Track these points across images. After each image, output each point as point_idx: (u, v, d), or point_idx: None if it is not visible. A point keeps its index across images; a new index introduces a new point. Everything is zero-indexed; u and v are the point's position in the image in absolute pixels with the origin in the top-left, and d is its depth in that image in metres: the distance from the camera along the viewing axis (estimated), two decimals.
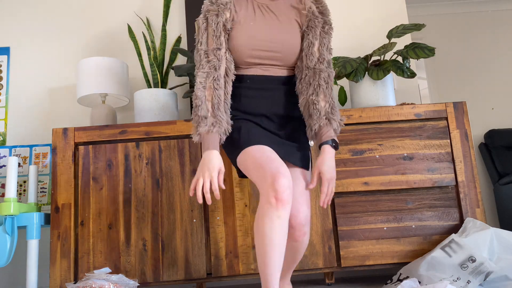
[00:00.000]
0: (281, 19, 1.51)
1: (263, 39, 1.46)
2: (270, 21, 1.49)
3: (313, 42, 1.49)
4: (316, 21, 1.50)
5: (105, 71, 2.19)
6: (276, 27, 1.49)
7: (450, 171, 1.95)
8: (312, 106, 1.47)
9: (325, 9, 1.54)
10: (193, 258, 1.87)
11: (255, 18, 1.49)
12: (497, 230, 1.71)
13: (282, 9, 1.53)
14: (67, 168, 1.92)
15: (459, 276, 1.62)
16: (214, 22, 1.45)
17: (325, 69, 1.49)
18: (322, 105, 1.47)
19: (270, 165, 1.31)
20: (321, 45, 1.50)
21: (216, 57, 1.44)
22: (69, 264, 1.85)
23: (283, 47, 1.48)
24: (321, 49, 1.50)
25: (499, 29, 4.31)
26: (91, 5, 2.65)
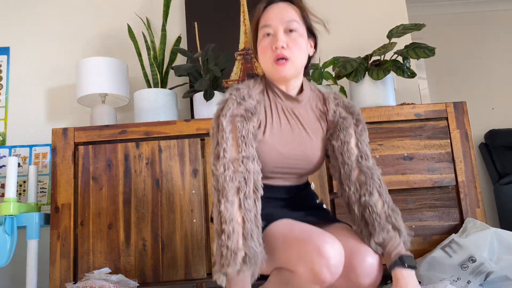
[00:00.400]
0: (307, 128, 1.31)
1: (289, 156, 1.27)
2: (297, 133, 1.29)
3: (348, 140, 1.29)
4: (346, 122, 1.31)
5: (105, 71, 2.19)
6: (303, 140, 1.29)
7: (450, 171, 1.95)
8: (368, 210, 1.21)
9: (352, 107, 1.35)
10: (193, 258, 1.86)
11: (281, 129, 1.28)
12: (497, 230, 1.71)
13: (307, 113, 1.33)
14: (67, 168, 1.92)
15: (459, 276, 1.62)
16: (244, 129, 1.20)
17: (374, 167, 1.28)
18: (380, 207, 1.21)
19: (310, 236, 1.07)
20: (359, 141, 1.30)
21: (246, 169, 1.16)
22: (69, 264, 1.84)
23: (307, 163, 1.30)
24: (361, 146, 1.30)
25: (499, 29, 4.31)
26: (91, 5, 2.65)
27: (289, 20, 1.24)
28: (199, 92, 2.19)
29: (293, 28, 1.24)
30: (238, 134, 1.19)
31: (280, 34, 1.23)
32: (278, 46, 1.21)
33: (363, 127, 1.33)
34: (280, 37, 1.22)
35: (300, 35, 1.25)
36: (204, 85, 2.10)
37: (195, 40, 2.51)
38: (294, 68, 1.25)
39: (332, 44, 2.61)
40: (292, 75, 1.27)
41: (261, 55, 1.27)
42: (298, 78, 1.32)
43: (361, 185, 1.25)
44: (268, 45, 1.24)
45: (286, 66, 1.23)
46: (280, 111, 1.30)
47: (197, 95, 2.20)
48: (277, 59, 1.23)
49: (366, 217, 1.21)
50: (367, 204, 1.22)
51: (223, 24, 2.56)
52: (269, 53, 1.24)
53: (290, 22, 1.24)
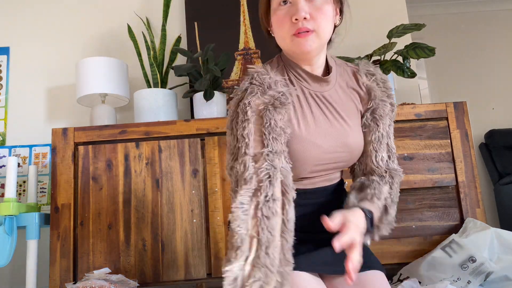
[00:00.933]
0: (342, 113, 1.10)
1: (330, 150, 1.06)
2: (333, 121, 1.08)
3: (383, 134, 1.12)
4: (386, 108, 1.12)
5: (104, 71, 2.18)
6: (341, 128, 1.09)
7: (451, 171, 1.95)
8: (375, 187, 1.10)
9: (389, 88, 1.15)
10: (193, 258, 1.86)
11: (315, 119, 1.06)
12: (498, 230, 1.71)
13: (340, 96, 1.12)
14: (66, 168, 1.92)
15: (459, 276, 1.61)
16: (273, 120, 0.98)
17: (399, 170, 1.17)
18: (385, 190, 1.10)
19: None
20: (389, 135, 1.14)
21: (272, 165, 0.95)
22: (68, 264, 1.84)
23: (350, 154, 1.10)
24: (390, 143, 1.15)
25: (499, 29, 4.30)
26: (90, 5, 2.65)
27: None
28: (199, 92, 2.19)
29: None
30: (265, 125, 0.97)
31: (300, 3, 1.00)
32: (300, 18, 0.98)
33: (394, 115, 1.15)
34: (301, 6, 0.99)
35: (325, 2, 1.02)
36: (204, 85, 2.10)
37: (195, 40, 2.51)
38: (320, 41, 1.03)
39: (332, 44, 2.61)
40: (317, 49, 1.04)
41: (277, 29, 1.04)
42: (322, 54, 1.10)
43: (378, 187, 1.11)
44: (286, 15, 1.01)
45: (310, 38, 1.00)
46: (309, 97, 1.08)
47: (197, 95, 2.20)
48: (298, 33, 1.00)
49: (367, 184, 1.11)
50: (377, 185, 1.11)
51: (223, 24, 2.56)
52: (287, 26, 1.01)
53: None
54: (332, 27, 1.08)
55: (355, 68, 1.17)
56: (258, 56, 2.53)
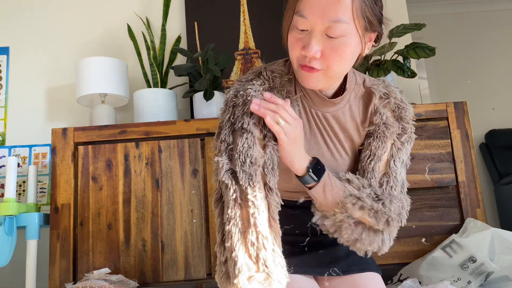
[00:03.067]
0: (340, 139, 1.03)
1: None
2: (324, 149, 1.02)
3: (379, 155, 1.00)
4: (386, 132, 1.00)
5: (104, 71, 2.18)
6: (332, 155, 1.02)
7: (451, 171, 1.95)
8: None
9: (404, 110, 1.02)
10: (193, 259, 1.86)
11: (308, 141, 1.00)
12: (498, 230, 1.71)
13: (346, 119, 1.03)
14: (66, 168, 1.92)
15: (459, 276, 1.61)
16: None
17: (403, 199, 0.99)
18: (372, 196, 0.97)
19: None
20: (393, 158, 1.00)
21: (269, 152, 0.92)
22: (68, 264, 1.84)
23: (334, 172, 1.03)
24: (392, 165, 1.00)
25: (499, 29, 4.30)
26: (90, 5, 2.65)
27: (334, 20, 0.86)
28: (199, 92, 2.19)
29: (336, 35, 0.87)
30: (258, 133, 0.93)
31: (314, 37, 0.88)
32: (308, 55, 0.89)
33: (406, 139, 1.01)
34: (313, 43, 0.88)
35: (346, 42, 0.89)
36: (204, 85, 2.09)
37: (195, 40, 2.51)
38: (327, 79, 0.94)
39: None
40: (323, 86, 0.96)
41: (289, 49, 0.95)
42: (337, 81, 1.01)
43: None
44: (298, 42, 0.91)
45: (314, 76, 0.92)
46: (309, 115, 1.01)
47: (197, 95, 2.20)
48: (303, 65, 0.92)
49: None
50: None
51: (223, 24, 2.56)
52: (296, 53, 0.93)
53: (335, 23, 0.86)
54: (353, 62, 0.96)
55: (374, 88, 1.05)
56: (258, 56, 2.53)
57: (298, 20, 0.90)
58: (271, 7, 2.56)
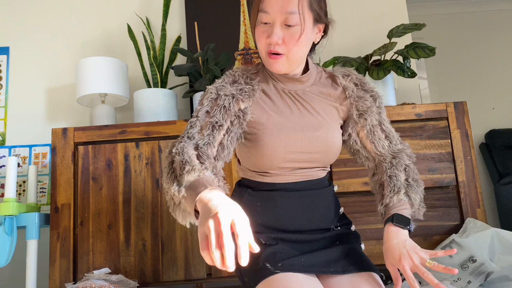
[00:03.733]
0: (318, 109, 1.19)
1: (299, 139, 1.14)
2: (305, 114, 1.17)
3: (374, 124, 1.21)
4: (365, 104, 1.21)
5: (104, 71, 2.18)
6: (313, 121, 1.17)
7: (451, 171, 1.95)
8: (389, 179, 1.17)
9: (365, 83, 1.25)
10: (193, 259, 1.86)
11: (284, 111, 1.16)
12: (498, 230, 1.71)
13: (314, 96, 1.20)
14: (66, 168, 1.92)
15: (459, 276, 1.61)
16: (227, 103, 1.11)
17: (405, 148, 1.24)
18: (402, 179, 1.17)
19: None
20: (383, 123, 1.23)
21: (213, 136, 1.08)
22: (68, 264, 1.84)
23: (324, 146, 1.16)
24: (386, 128, 1.23)
25: (499, 29, 4.30)
26: (90, 5, 2.65)
27: (289, 12, 1.07)
28: (199, 92, 2.19)
29: (292, 24, 1.08)
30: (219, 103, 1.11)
31: (276, 27, 1.08)
32: (272, 42, 1.09)
33: (380, 102, 1.23)
34: (275, 31, 1.08)
35: (301, 30, 1.09)
36: (204, 85, 2.09)
37: (195, 40, 2.51)
38: (290, 63, 1.13)
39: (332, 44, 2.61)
40: (287, 69, 1.15)
41: (257, 42, 1.14)
42: (299, 66, 1.19)
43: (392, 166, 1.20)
44: (264, 33, 1.11)
45: (279, 61, 1.11)
46: (282, 93, 1.19)
47: (197, 95, 2.20)
48: (269, 53, 1.11)
49: (384, 185, 1.18)
50: (391, 175, 1.18)
51: (223, 24, 2.56)
52: (263, 43, 1.12)
53: (291, 14, 1.07)
54: (309, 48, 1.17)
55: (333, 71, 1.28)
56: (258, 56, 2.52)
57: (262, 15, 1.10)
58: None
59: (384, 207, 1.15)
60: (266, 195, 1.16)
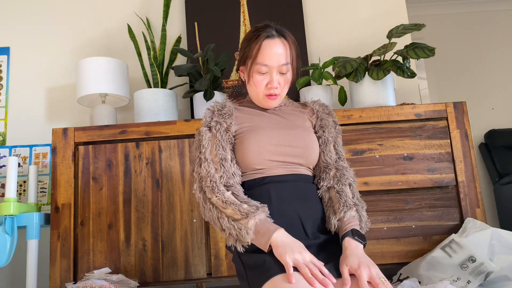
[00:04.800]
0: (293, 119, 1.42)
1: (279, 134, 1.34)
2: (283, 120, 1.41)
3: (329, 139, 1.42)
4: (329, 120, 1.45)
5: (105, 71, 2.19)
6: (290, 124, 1.39)
7: (450, 171, 1.95)
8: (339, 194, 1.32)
9: (329, 109, 1.49)
10: (193, 258, 1.86)
11: (264, 117, 1.40)
12: (497, 230, 1.71)
13: (289, 112, 1.45)
14: (67, 168, 1.92)
15: (459, 276, 1.62)
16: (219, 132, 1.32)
17: (347, 167, 1.40)
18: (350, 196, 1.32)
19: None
20: (336, 143, 1.43)
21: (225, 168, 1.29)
22: (69, 264, 1.84)
23: (302, 141, 1.35)
24: (337, 148, 1.43)
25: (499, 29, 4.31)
26: (91, 5, 2.65)
27: (283, 64, 1.34)
28: (199, 92, 2.20)
29: (285, 72, 1.35)
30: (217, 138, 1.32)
31: (274, 76, 1.34)
32: (273, 87, 1.35)
33: (339, 129, 1.47)
34: (274, 79, 1.34)
35: (289, 74, 1.38)
36: (204, 85, 2.10)
37: (195, 40, 2.51)
38: (280, 100, 1.41)
39: (332, 44, 2.61)
40: (278, 104, 1.42)
41: (253, 86, 1.38)
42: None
43: (337, 180, 1.36)
44: (263, 81, 1.36)
45: (276, 100, 1.38)
46: (261, 111, 1.43)
47: (197, 95, 2.20)
48: (269, 95, 1.37)
49: (334, 199, 1.33)
50: (339, 191, 1.33)
51: (223, 24, 2.57)
52: (261, 88, 1.37)
53: (284, 65, 1.34)
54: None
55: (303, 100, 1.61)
56: None
57: (261, 67, 1.34)
58: (271, 7, 2.56)
59: (338, 221, 1.28)
60: (259, 190, 1.30)
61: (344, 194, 1.32)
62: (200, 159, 1.31)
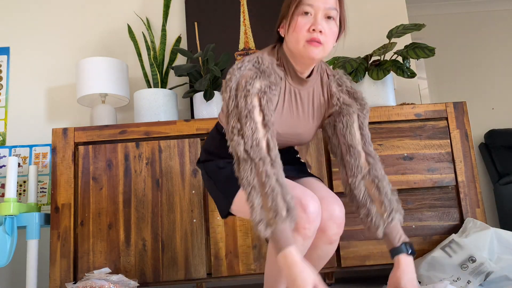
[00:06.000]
0: (308, 111, 1.35)
1: (283, 136, 1.32)
2: (296, 116, 1.33)
3: (350, 124, 1.34)
4: (350, 109, 1.35)
5: (105, 71, 2.19)
6: (300, 124, 1.34)
7: (450, 171, 1.95)
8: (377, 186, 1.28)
9: (355, 93, 1.38)
10: (193, 258, 1.86)
11: (283, 111, 1.31)
12: (497, 230, 1.71)
13: (310, 97, 1.36)
14: (67, 168, 1.92)
15: (459, 276, 1.62)
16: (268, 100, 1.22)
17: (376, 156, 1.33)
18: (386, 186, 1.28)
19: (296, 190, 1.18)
20: (363, 125, 1.36)
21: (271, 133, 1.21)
22: (69, 264, 1.84)
23: (299, 141, 1.38)
24: (364, 131, 1.35)
25: (499, 29, 4.31)
26: (91, 5, 2.65)
27: (330, 7, 1.22)
28: (199, 92, 2.19)
29: (332, 16, 1.23)
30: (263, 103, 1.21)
31: (319, 18, 1.21)
32: (317, 29, 1.20)
33: (367, 111, 1.37)
34: (319, 21, 1.21)
35: (336, 25, 1.25)
36: (204, 85, 2.10)
37: (195, 40, 2.51)
38: (324, 53, 1.25)
39: None
40: (319, 59, 1.27)
41: (294, 32, 1.23)
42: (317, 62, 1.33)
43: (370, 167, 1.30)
44: (305, 24, 1.22)
45: (319, 49, 1.22)
46: (287, 92, 1.31)
47: (197, 95, 2.20)
48: (311, 40, 1.21)
49: (372, 194, 1.28)
50: (375, 181, 1.27)
51: (223, 24, 2.57)
52: (303, 33, 1.22)
53: (331, 9, 1.22)
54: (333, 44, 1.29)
55: (330, 78, 1.40)
56: None
57: (305, 7, 1.22)
58: (271, 7, 2.56)
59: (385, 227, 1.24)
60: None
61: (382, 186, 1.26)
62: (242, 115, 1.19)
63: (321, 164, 1.96)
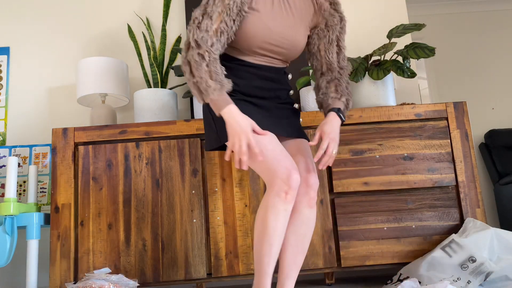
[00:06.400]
0: (296, 15, 1.50)
1: (277, 33, 1.45)
2: (287, 16, 1.48)
3: (333, 38, 1.54)
4: (335, 20, 1.54)
5: (105, 71, 2.19)
6: (291, 23, 1.48)
7: (450, 171, 1.95)
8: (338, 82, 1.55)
9: (338, 4, 1.57)
10: (193, 258, 1.86)
11: (273, 8, 1.47)
12: (497, 230, 1.71)
13: (298, 3, 1.52)
14: (66, 168, 1.92)
15: (459, 276, 1.62)
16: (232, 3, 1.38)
17: (347, 66, 1.58)
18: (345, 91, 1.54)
19: (285, 161, 1.35)
20: (340, 40, 1.56)
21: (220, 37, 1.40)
22: (69, 264, 1.84)
23: (292, 45, 1.49)
24: (341, 45, 1.56)
25: (499, 29, 4.31)
26: (91, 5, 2.65)
27: None
28: None
29: None
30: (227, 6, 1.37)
31: None
32: None
33: (344, 24, 1.56)
34: None
35: None
36: None
37: None
38: None
39: None
40: None
41: None
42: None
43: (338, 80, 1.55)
44: None
45: None
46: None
47: None
48: None
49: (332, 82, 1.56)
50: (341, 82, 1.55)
51: None
52: None
53: None
54: None
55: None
56: None
57: None
58: None
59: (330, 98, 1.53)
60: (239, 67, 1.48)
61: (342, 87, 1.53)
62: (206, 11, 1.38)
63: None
